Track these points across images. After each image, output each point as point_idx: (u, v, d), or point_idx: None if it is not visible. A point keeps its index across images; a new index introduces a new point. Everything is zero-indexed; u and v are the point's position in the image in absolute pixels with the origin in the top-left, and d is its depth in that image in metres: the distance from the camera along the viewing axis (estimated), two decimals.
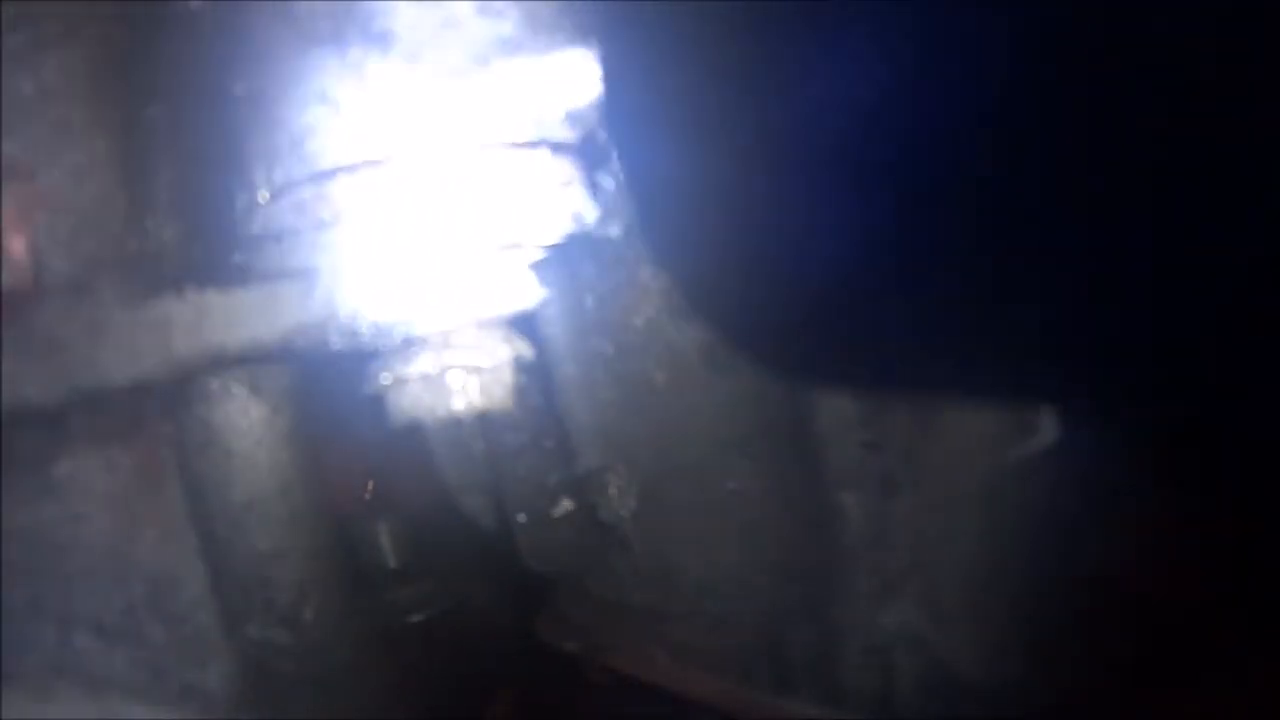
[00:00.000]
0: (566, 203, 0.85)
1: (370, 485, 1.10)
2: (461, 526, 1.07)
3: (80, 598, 0.83)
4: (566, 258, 0.93)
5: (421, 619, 1.15)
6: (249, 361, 0.86)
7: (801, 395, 0.94)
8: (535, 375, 0.98)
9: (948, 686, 0.94)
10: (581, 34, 0.84)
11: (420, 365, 0.87)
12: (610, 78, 0.85)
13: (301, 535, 0.93)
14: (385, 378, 0.87)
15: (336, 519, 0.99)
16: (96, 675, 0.83)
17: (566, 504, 1.01)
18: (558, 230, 0.86)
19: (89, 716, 0.83)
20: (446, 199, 0.81)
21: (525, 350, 0.91)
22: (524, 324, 0.92)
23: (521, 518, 1.02)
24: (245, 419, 0.90)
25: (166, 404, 0.87)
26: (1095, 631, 0.90)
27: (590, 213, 0.87)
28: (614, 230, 0.92)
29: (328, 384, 0.92)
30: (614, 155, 0.89)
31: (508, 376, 0.90)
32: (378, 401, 0.89)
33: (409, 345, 0.86)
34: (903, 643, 0.94)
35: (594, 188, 0.88)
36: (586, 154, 0.87)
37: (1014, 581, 0.94)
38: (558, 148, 0.84)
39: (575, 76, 0.84)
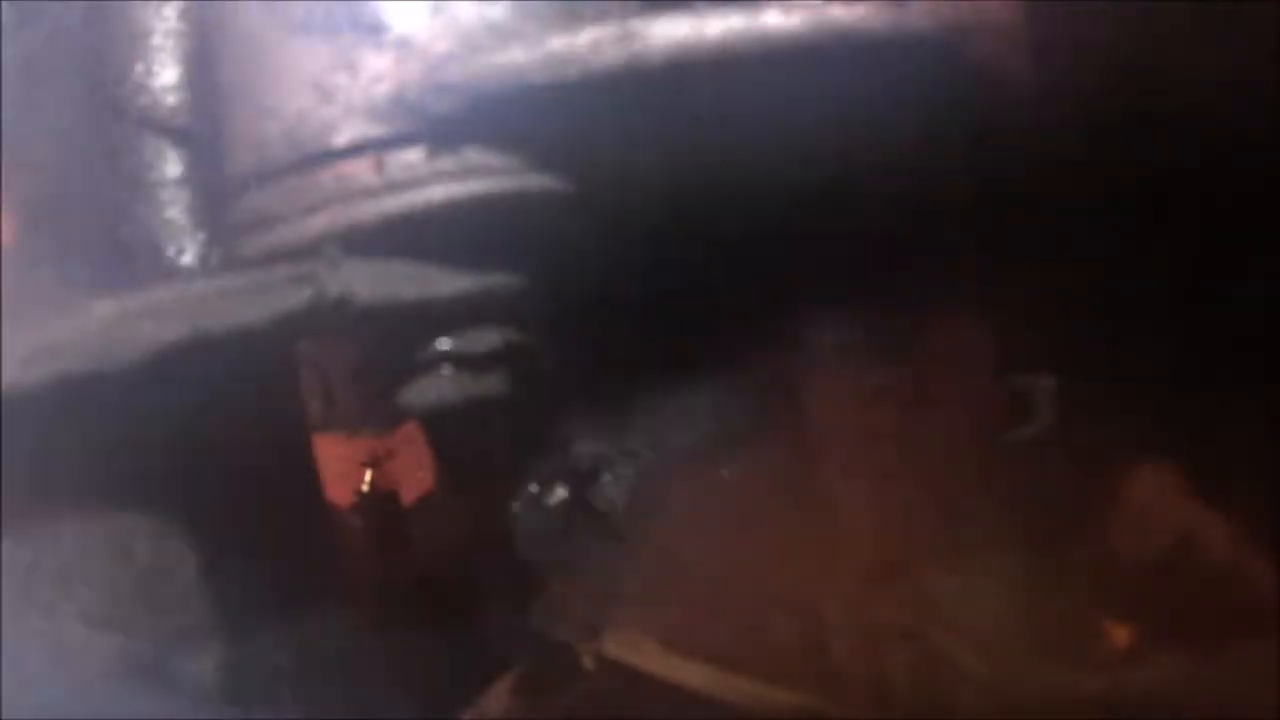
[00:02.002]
0: None
1: (365, 476, 1.09)
2: (456, 515, 1.07)
3: (71, 588, 0.83)
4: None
5: (419, 609, 1.15)
6: (238, 349, 0.86)
7: (797, 382, 0.93)
8: (529, 362, 0.98)
9: (943, 676, 0.94)
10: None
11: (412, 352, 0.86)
12: None
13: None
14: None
15: (331, 510, 0.98)
16: (88, 667, 0.83)
17: (560, 492, 1.01)
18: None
19: (83, 710, 0.83)
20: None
21: (519, 336, 0.91)
22: (517, 309, 0.92)
23: (515, 506, 1.02)
24: None
25: None
26: (1095, 617, 0.90)
27: None
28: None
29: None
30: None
31: (501, 363, 0.90)
32: None
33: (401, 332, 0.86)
34: (898, 632, 0.94)
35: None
36: None
37: (1012, 568, 0.93)
38: None
39: None
